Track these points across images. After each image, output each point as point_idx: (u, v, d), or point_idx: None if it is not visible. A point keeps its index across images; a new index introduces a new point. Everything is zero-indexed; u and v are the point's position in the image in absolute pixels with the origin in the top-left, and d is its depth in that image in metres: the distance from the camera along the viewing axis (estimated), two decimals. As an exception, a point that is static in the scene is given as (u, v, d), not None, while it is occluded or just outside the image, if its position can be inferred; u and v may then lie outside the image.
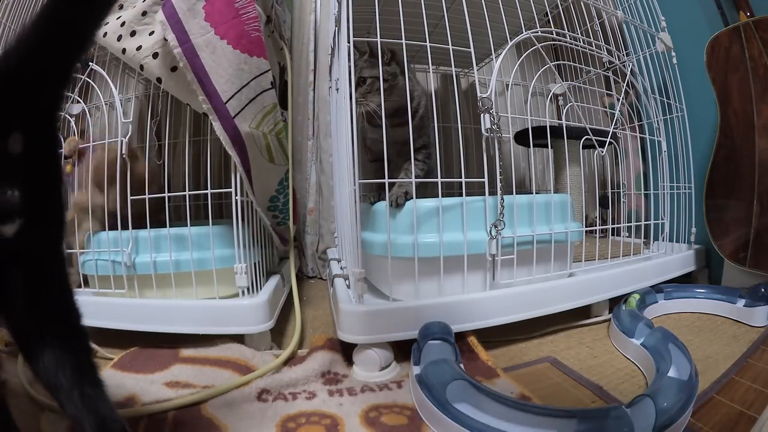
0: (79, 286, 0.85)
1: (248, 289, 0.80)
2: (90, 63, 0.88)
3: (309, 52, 1.44)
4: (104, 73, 0.85)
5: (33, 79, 0.32)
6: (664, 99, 1.13)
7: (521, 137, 1.34)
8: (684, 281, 1.03)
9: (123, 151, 0.81)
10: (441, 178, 0.73)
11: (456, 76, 1.53)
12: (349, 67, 0.71)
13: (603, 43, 1.02)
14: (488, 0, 0.80)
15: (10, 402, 0.47)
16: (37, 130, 0.33)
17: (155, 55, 0.75)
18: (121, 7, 0.80)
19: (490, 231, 0.73)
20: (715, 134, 1.04)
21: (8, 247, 0.32)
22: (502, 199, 0.74)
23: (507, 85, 0.98)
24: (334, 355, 0.71)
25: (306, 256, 1.47)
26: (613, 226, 1.23)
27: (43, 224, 0.35)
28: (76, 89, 0.91)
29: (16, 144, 0.31)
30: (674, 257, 1.06)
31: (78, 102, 0.90)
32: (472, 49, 0.76)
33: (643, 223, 1.06)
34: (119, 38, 0.77)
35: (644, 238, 1.08)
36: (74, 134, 0.91)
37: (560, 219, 0.85)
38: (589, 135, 0.90)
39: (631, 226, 1.08)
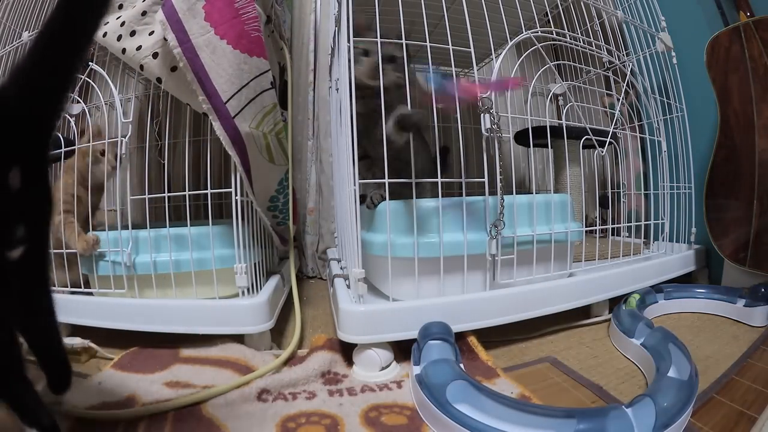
0: (79, 286, 0.86)
1: (248, 289, 0.79)
2: (90, 63, 0.88)
3: (309, 52, 1.44)
4: (104, 73, 0.85)
5: (28, 115, 0.34)
6: (664, 99, 1.13)
7: (521, 137, 1.34)
8: (684, 281, 1.03)
9: (123, 151, 0.81)
10: (441, 178, 0.73)
11: (456, 76, 1.53)
12: (349, 66, 0.71)
13: (603, 43, 1.02)
14: (488, 0, 0.80)
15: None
16: (32, 162, 0.35)
17: (155, 55, 0.75)
18: (120, 6, 0.80)
19: (490, 231, 0.73)
20: (715, 134, 1.04)
21: (10, 266, 0.35)
22: (502, 199, 0.74)
23: (507, 85, 0.98)
24: (334, 355, 0.71)
25: (306, 256, 1.47)
26: (613, 226, 1.23)
27: (38, 242, 0.38)
28: (76, 89, 0.91)
29: (15, 179, 0.33)
30: (674, 257, 1.06)
31: (78, 102, 0.90)
32: (472, 49, 0.76)
33: (643, 223, 1.06)
34: (119, 38, 0.77)
35: (644, 238, 1.08)
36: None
37: (560, 219, 0.85)
38: (589, 135, 0.90)
39: (631, 226, 1.08)
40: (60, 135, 0.89)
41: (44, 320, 0.45)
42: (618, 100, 1.04)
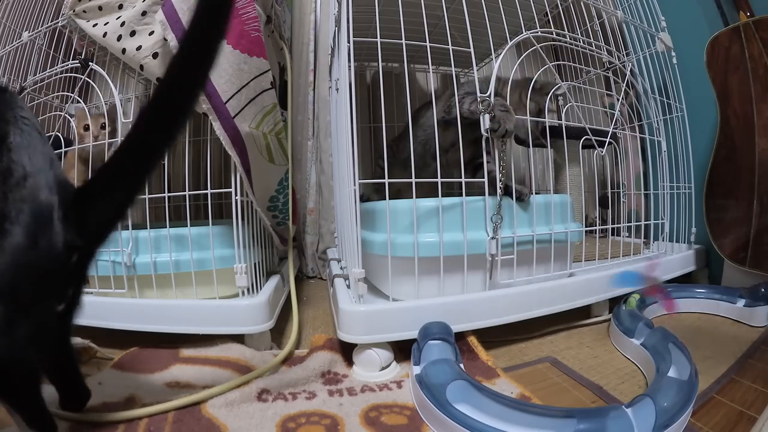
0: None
1: (248, 289, 0.80)
2: (90, 63, 0.88)
3: (309, 52, 1.44)
4: (104, 73, 0.85)
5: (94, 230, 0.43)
6: (664, 99, 1.13)
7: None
8: (684, 281, 1.03)
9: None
10: (441, 178, 0.73)
11: (456, 76, 1.53)
12: (349, 66, 0.71)
13: (603, 43, 1.02)
14: (488, 0, 0.80)
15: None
16: (86, 252, 0.44)
17: (155, 55, 0.75)
18: (120, 6, 0.80)
19: (493, 230, 0.73)
20: (715, 134, 1.04)
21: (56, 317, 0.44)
22: (502, 192, 0.74)
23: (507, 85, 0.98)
24: (334, 355, 0.71)
25: (306, 256, 1.47)
26: (613, 226, 1.23)
27: (76, 299, 0.47)
28: (76, 89, 0.91)
29: (74, 258, 0.41)
30: (674, 257, 1.06)
31: (78, 102, 0.90)
32: (472, 49, 0.76)
33: (643, 223, 1.06)
34: (119, 38, 0.77)
35: (644, 238, 1.08)
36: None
37: (560, 219, 0.85)
38: (588, 135, 0.90)
39: (631, 226, 1.08)
40: (60, 135, 0.89)
41: (66, 358, 0.51)
42: (618, 100, 1.04)
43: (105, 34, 0.78)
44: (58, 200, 0.39)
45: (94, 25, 0.81)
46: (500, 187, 0.75)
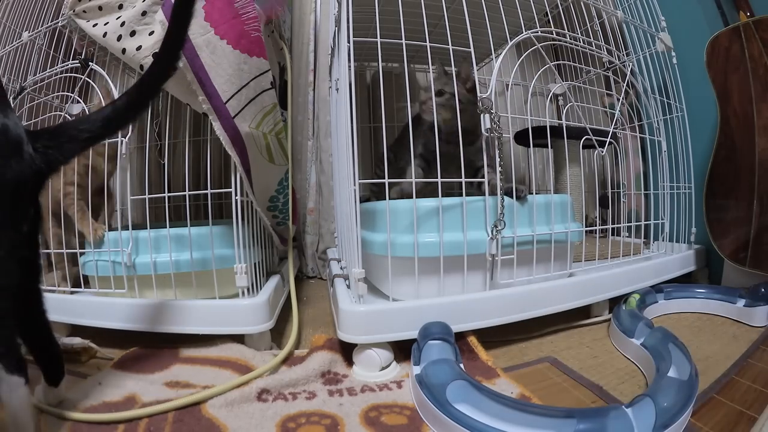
0: (79, 286, 0.86)
1: (248, 289, 0.80)
2: (90, 63, 0.88)
3: (309, 52, 1.44)
4: (104, 73, 0.85)
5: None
6: (664, 99, 1.13)
7: (521, 137, 1.34)
8: (684, 281, 1.03)
9: (123, 151, 0.81)
10: (441, 177, 0.73)
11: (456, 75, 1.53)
12: (349, 66, 0.71)
13: (603, 43, 1.02)
14: (488, 0, 0.80)
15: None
16: (35, 216, 0.50)
17: (155, 55, 0.75)
18: (120, 6, 0.80)
19: (492, 231, 0.73)
20: (715, 134, 1.04)
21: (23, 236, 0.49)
22: (503, 198, 0.74)
23: (507, 85, 0.98)
24: (334, 355, 0.71)
25: (306, 256, 1.47)
26: (613, 226, 1.23)
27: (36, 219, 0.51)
28: (76, 89, 0.91)
29: (26, 226, 0.48)
30: (674, 257, 1.06)
31: (78, 102, 0.90)
32: (472, 49, 0.76)
33: (643, 223, 1.06)
34: (119, 38, 0.77)
35: (644, 238, 1.08)
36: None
37: (560, 219, 0.85)
38: (589, 135, 0.90)
39: (631, 226, 1.08)
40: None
41: (36, 306, 0.53)
42: (618, 100, 1.04)
43: (105, 34, 0.78)
44: (26, 139, 0.47)
45: (94, 25, 0.81)
46: (501, 193, 0.74)
